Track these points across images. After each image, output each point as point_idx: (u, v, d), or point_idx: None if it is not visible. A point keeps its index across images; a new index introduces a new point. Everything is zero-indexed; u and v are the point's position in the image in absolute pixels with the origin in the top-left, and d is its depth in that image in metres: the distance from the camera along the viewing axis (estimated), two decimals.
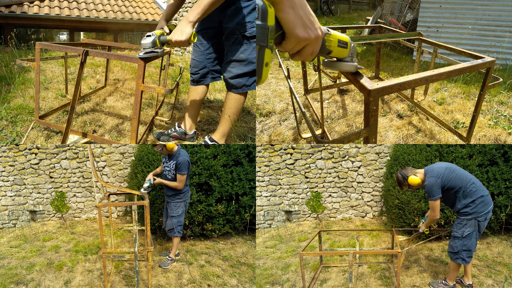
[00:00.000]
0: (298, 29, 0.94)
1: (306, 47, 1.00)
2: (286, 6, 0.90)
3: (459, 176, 2.79)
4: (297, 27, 0.94)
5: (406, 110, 4.76)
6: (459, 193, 2.78)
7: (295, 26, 0.94)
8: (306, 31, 0.96)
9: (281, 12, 0.90)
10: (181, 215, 3.50)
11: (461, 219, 2.81)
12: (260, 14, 0.85)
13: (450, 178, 2.77)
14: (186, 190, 3.53)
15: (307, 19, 0.96)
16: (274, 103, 4.99)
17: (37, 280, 3.20)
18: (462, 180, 2.78)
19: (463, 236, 2.78)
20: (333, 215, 5.29)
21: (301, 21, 0.94)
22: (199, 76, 3.38)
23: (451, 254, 2.89)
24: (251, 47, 2.96)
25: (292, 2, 0.91)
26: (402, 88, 2.05)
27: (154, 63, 6.99)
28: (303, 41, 0.98)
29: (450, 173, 2.79)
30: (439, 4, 7.47)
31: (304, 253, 3.12)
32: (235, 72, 3.04)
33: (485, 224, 2.81)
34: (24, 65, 3.44)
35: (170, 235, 3.55)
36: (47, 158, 4.99)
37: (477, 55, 3.16)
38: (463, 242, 2.79)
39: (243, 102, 3.23)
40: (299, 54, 1.02)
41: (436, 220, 2.90)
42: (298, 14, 0.93)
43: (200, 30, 3.28)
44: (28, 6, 9.85)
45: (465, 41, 6.65)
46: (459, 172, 2.82)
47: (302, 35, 0.96)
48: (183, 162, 3.31)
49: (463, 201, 2.78)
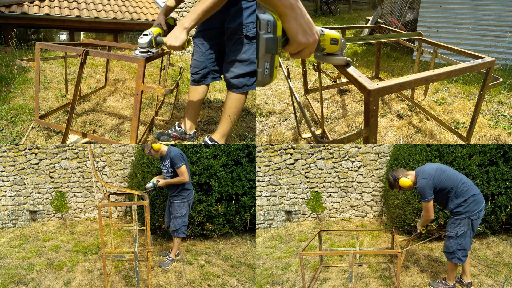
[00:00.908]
0: (299, 36, 1.12)
1: (304, 49, 1.18)
2: (291, 17, 1.07)
3: (450, 177, 2.82)
4: (299, 34, 1.11)
5: (406, 110, 4.76)
6: (451, 193, 2.81)
7: (298, 34, 1.11)
8: (306, 37, 1.13)
9: (287, 23, 1.07)
10: (185, 215, 3.47)
11: (455, 219, 2.83)
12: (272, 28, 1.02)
13: (441, 179, 2.80)
14: (190, 190, 3.50)
15: (306, 27, 1.12)
16: (274, 103, 4.99)
17: (37, 280, 3.20)
18: (453, 180, 2.80)
19: (457, 235, 2.80)
20: (333, 215, 5.29)
21: (302, 29, 1.11)
22: (200, 76, 3.38)
23: (447, 254, 2.91)
24: (253, 47, 2.96)
25: (295, 14, 1.07)
26: (402, 88, 2.05)
27: (154, 63, 6.99)
28: (303, 45, 1.15)
29: (441, 174, 2.82)
30: (439, 4, 7.47)
31: (304, 253, 3.12)
32: (236, 72, 3.04)
33: (478, 222, 2.83)
34: (24, 65, 3.44)
35: (173, 235, 3.51)
36: (47, 158, 4.99)
37: (477, 55, 3.16)
38: (457, 242, 2.81)
39: (244, 101, 3.23)
40: (298, 54, 1.20)
41: (431, 220, 2.93)
42: (299, 23, 1.10)
43: (201, 31, 3.28)
44: (28, 6, 9.85)
45: (465, 41, 6.65)
46: (450, 173, 2.85)
47: (303, 40, 1.13)
48: (175, 155, 3.29)
49: (455, 201, 2.81)
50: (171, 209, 3.50)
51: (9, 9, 9.38)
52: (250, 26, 2.91)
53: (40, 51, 3.37)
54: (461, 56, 3.52)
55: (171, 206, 3.50)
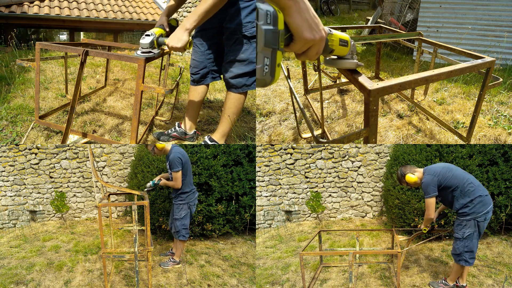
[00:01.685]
0: (305, 32, 1.01)
1: (311, 47, 1.07)
2: (294, 11, 0.97)
3: (456, 175, 2.81)
4: (304, 30, 1.01)
5: (406, 110, 4.76)
6: (456, 192, 2.79)
7: (302, 29, 1.00)
8: (312, 33, 1.03)
9: (289, 17, 0.97)
10: (184, 218, 3.37)
11: (461, 220, 2.81)
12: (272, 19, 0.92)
13: (447, 176, 2.79)
14: (190, 192, 3.38)
15: (312, 22, 1.02)
16: (274, 103, 4.99)
17: (37, 280, 3.20)
18: (459, 179, 2.79)
19: (464, 237, 2.78)
20: (333, 215, 5.29)
21: (307, 24, 1.01)
22: (200, 76, 3.38)
23: (454, 256, 2.88)
24: (252, 47, 2.96)
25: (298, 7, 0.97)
26: (402, 88, 2.05)
27: (154, 63, 6.99)
28: (309, 42, 1.04)
29: (447, 172, 2.81)
30: (439, 4, 7.47)
31: (304, 253, 3.12)
32: (235, 72, 3.04)
33: (485, 224, 2.81)
34: (24, 65, 3.44)
35: (175, 237, 3.48)
36: (47, 158, 4.99)
37: (477, 55, 3.16)
38: (464, 243, 2.78)
39: (243, 101, 3.23)
40: (305, 55, 1.08)
41: (430, 219, 2.92)
42: (304, 18, 0.99)
43: (200, 31, 3.28)
44: (28, 6, 9.84)
45: (465, 41, 6.65)
46: (457, 172, 2.84)
47: (308, 37, 1.02)
48: (173, 159, 3.17)
49: (461, 201, 2.79)
50: (173, 210, 3.47)
51: (9, 9, 9.38)
52: (248, 25, 2.91)
53: (40, 51, 3.37)
54: (461, 56, 3.52)
55: (173, 207, 3.48)
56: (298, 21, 0.99)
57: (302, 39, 1.02)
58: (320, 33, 1.06)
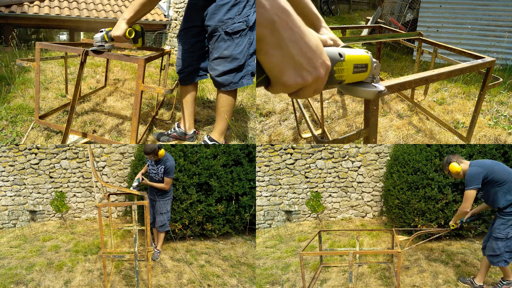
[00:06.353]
0: (286, 75, 0.70)
1: (303, 89, 0.75)
2: (270, 46, 0.65)
3: (506, 170, 2.68)
4: (285, 72, 0.69)
5: (406, 110, 4.76)
6: (503, 187, 2.63)
7: (282, 72, 0.69)
8: (300, 74, 0.71)
9: (262, 54, 0.66)
10: (169, 211, 3.71)
11: (506, 219, 2.66)
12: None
13: (495, 170, 2.65)
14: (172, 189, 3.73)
15: (302, 58, 0.70)
16: (274, 103, 4.99)
17: (37, 280, 3.20)
18: (509, 174, 2.65)
19: (508, 237, 2.65)
20: (333, 215, 5.29)
21: (292, 63, 0.69)
22: (185, 75, 3.43)
23: (491, 258, 2.74)
24: (234, 43, 2.96)
25: (279, 39, 0.65)
26: (402, 88, 2.05)
27: (154, 63, 6.99)
28: (293, 87, 0.72)
29: (496, 165, 2.69)
30: (439, 4, 7.47)
31: (304, 253, 3.12)
32: (220, 69, 3.05)
33: None
34: (24, 65, 3.44)
35: (160, 230, 3.67)
36: (47, 158, 4.99)
37: (477, 55, 3.17)
38: (506, 244, 2.66)
39: (234, 99, 3.26)
40: (295, 95, 0.78)
41: (466, 212, 2.76)
42: (287, 54, 0.68)
43: (184, 29, 3.30)
44: (28, 6, 9.84)
45: (465, 41, 6.65)
46: (506, 167, 2.72)
47: (292, 81, 0.71)
48: (171, 166, 3.45)
49: (508, 197, 2.64)
50: (156, 207, 3.62)
51: (9, 9, 9.38)
52: (229, 22, 2.92)
53: (40, 51, 3.37)
54: (461, 56, 3.52)
55: (155, 204, 3.62)
56: (275, 59, 0.67)
57: (281, 84, 0.71)
58: (315, 73, 0.73)
